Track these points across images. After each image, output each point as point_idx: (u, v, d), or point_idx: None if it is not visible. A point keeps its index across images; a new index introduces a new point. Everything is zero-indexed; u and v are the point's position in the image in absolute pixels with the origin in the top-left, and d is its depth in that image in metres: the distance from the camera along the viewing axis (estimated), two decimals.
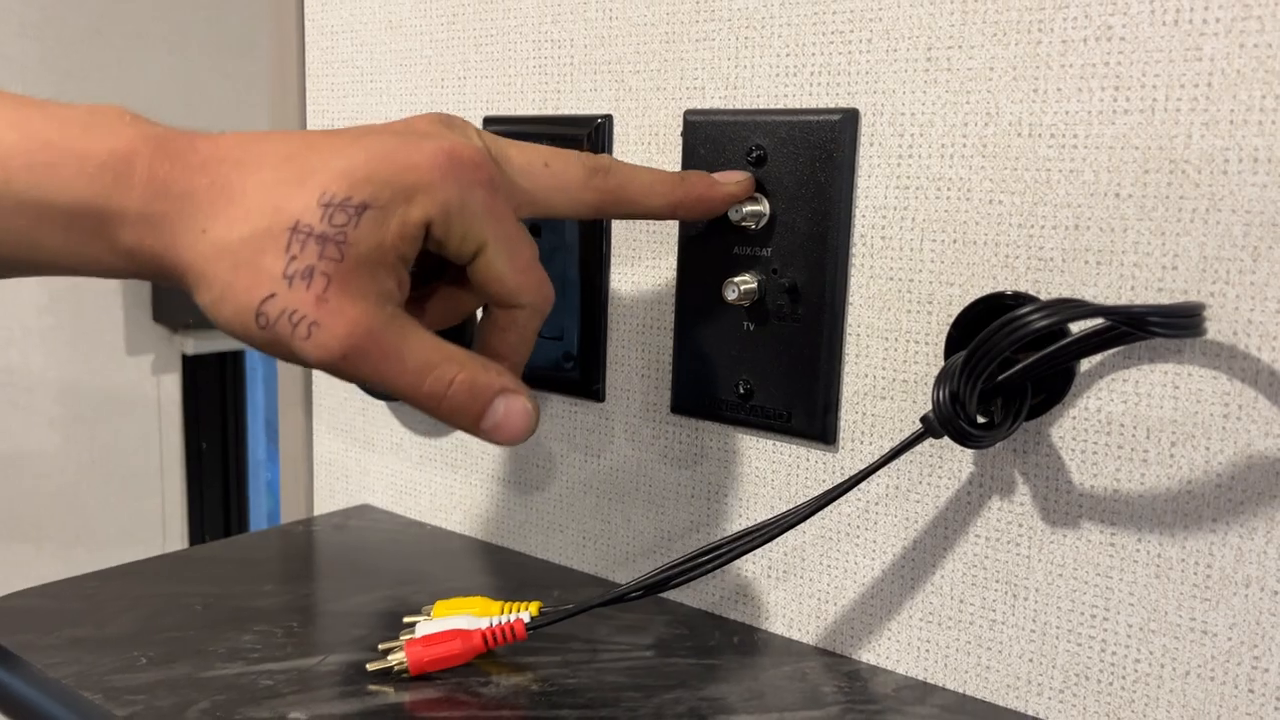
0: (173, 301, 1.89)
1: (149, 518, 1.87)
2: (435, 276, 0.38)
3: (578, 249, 0.47)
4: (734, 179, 0.41)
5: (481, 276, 0.35)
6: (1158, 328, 0.31)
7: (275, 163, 0.33)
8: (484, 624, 0.39)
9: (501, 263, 0.35)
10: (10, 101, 0.34)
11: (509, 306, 0.36)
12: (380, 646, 0.40)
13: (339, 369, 0.33)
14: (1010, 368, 0.34)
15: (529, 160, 0.37)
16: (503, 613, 0.40)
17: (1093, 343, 0.33)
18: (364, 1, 0.55)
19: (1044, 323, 0.31)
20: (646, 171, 0.39)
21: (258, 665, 0.39)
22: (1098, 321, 0.32)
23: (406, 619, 0.41)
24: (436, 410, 0.34)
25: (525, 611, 0.39)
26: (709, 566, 0.37)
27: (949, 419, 0.34)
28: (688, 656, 0.42)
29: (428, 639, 0.39)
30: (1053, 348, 0.33)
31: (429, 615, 0.41)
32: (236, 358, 2.13)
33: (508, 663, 0.40)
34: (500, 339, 0.37)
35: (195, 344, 1.96)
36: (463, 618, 0.40)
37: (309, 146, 0.34)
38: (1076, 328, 0.34)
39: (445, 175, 0.34)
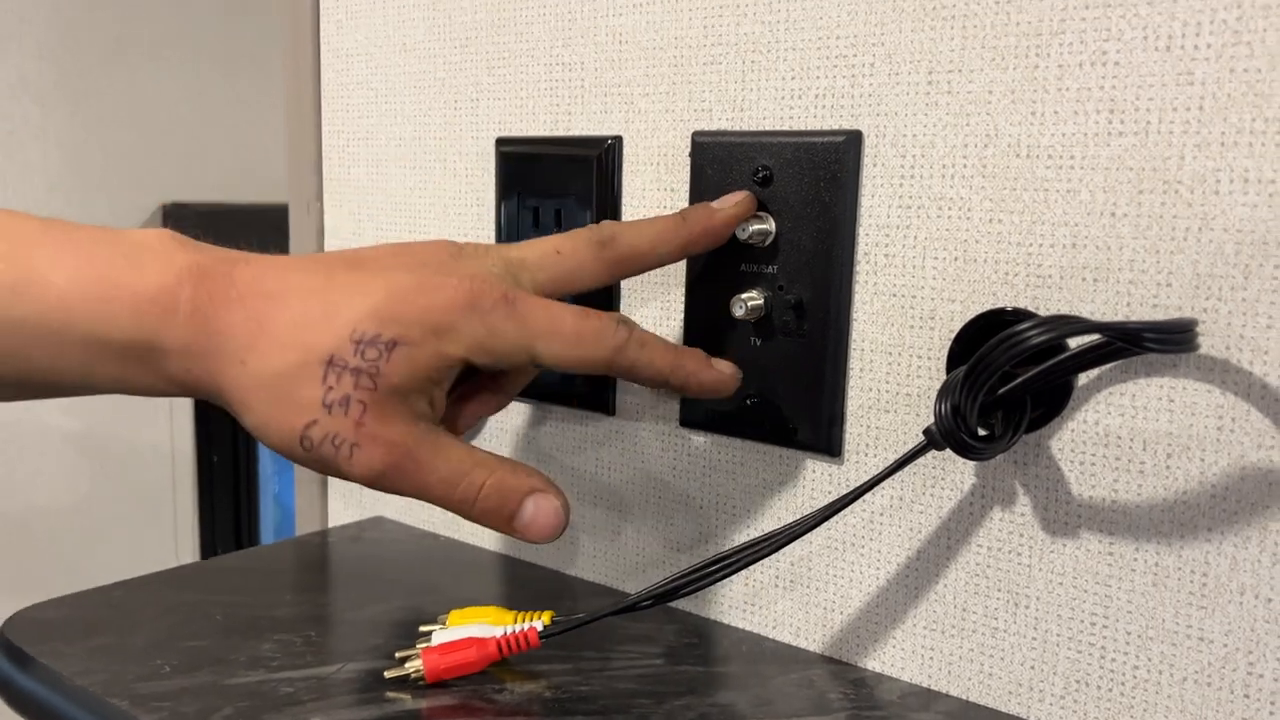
0: None
1: (161, 530, 1.88)
2: (467, 378, 0.41)
3: None
4: (732, 201, 0.42)
5: (551, 367, 0.38)
6: (1152, 343, 0.32)
7: (303, 296, 0.37)
8: (498, 632, 0.40)
9: (556, 349, 0.37)
10: (66, 233, 0.37)
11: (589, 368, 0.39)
12: (397, 655, 0.41)
13: (379, 484, 0.36)
14: (1010, 382, 0.35)
15: (541, 253, 0.40)
16: (516, 622, 0.40)
17: (1090, 358, 0.34)
18: (378, 25, 0.57)
19: (1042, 338, 0.32)
20: (648, 224, 0.41)
21: (278, 673, 0.40)
22: (1095, 337, 0.33)
23: (423, 628, 0.42)
24: (469, 514, 0.37)
25: (539, 620, 0.40)
26: (718, 575, 0.38)
27: (951, 432, 0.35)
28: (697, 664, 0.43)
29: (444, 647, 0.40)
30: (1050, 363, 0.34)
31: (444, 624, 0.42)
32: None
33: (521, 670, 0.41)
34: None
35: None
36: (478, 626, 0.41)
37: (332, 282, 0.37)
38: (1074, 343, 0.35)
39: (469, 312, 0.36)
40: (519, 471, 0.38)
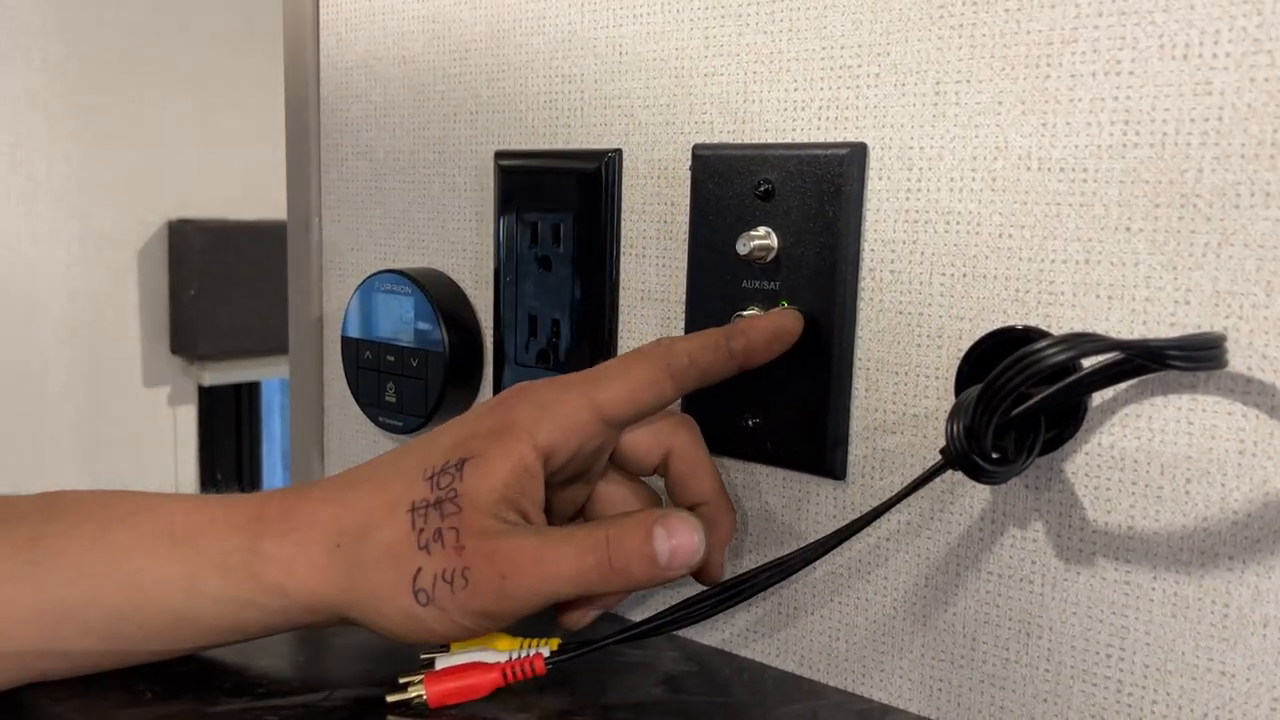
0: (190, 333, 1.90)
1: None
2: (575, 479, 0.41)
3: (586, 284, 0.47)
4: (774, 318, 0.40)
5: (624, 418, 0.39)
6: (1178, 360, 0.30)
7: (367, 472, 0.40)
8: (503, 658, 0.39)
9: (616, 393, 0.38)
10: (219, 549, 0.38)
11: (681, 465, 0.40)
12: (400, 679, 0.39)
13: (510, 594, 0.35)
14: (1024, 402, 0.33)
15: (607, 369, 0.39)
16: (522, 648, 0.39)
17: (1108, 376, 0.33)
18: (377, 38, 0.56)
19: (1060, 357, 0.31)
20: (698, 338, 0.39)
21: (263, 700, 0.39)
22: (1112, 354, 0.32)
23: (423, 655, 0.40)
24: (609, 568, 0.35)
25: (545, 646, 0.39)
26: (729, 603, 0.37)
27: (963, 454, 0.33)
28: (698, 694, 0.41)
29: (447, 672, 0.39)
30: (1067, 381, 0.33)
31: (448, 649, 0.40)
32: (253, 389, 2.14)
33: (524, 697, 0.40)
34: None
35: (212, 375, 1.97)
36: (482, 651, 0.39)
37: (395, 454, 0.39)
38: (1089, 361, 0.33)
39: (533, 414, 0.37)
40: (629, 514, 0.37)
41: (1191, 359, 0.31)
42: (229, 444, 2.10)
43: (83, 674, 0.40)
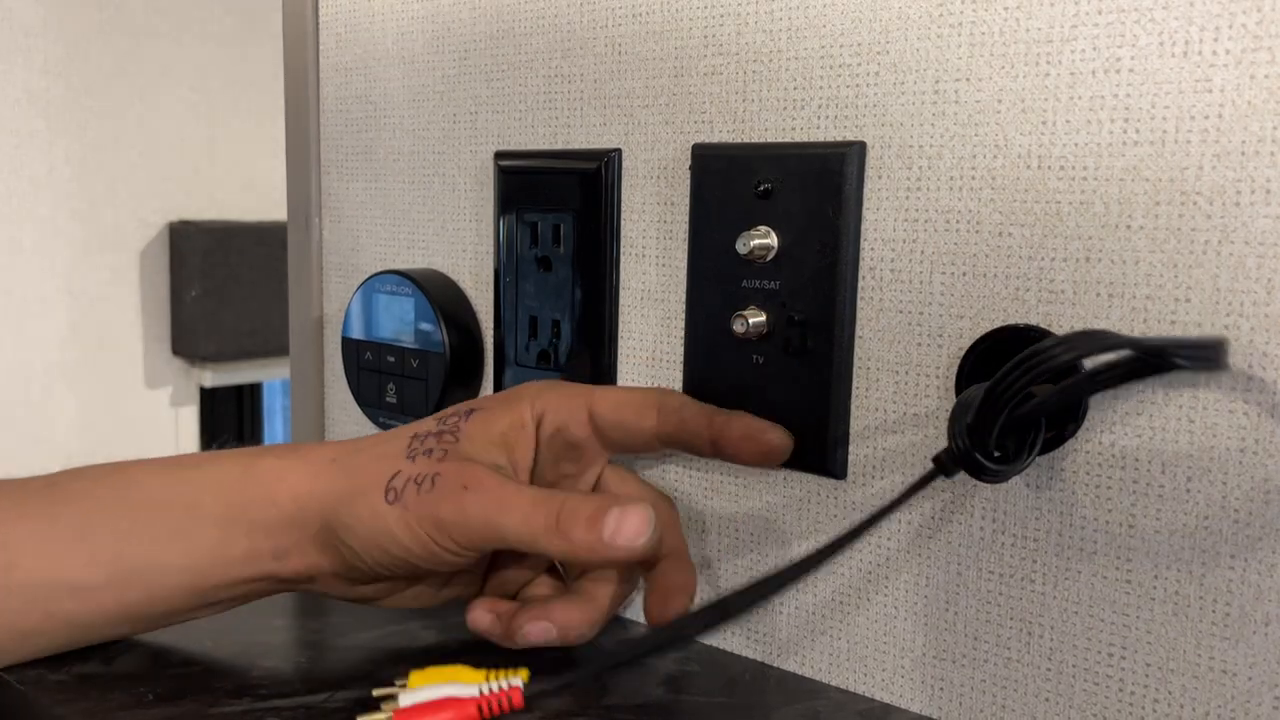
0: (191, 334, 1.90)
1: None
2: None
3: (587, 284, 0.47)
4: (763, 424, 0.41)
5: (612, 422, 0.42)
6: (1183, 360, 0.30)
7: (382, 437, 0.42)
8: (475, 691, 0.36)
9: (610, 401, 0.42)
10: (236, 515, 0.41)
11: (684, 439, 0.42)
12: (358, 719, 0.36)
13: (466, 508, 0.37)
14: (1030, 400, 0.33)
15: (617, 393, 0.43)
16: (489, 680, 0.36)
17: (1113, 376, 0.32)
18: (377, 38, 0.56)
19: (1068, 355, 0.31)
20: (695, 401, 0.42)
21: (265, 702, 0.39)
22: (1115, 355, 0.32)
23: (376, 692, 0.37)
24: (555, 526, 0.36)
25: (516, 678, 0.36)
26: (732, 618, 0.38)
27: (966, 453, 0.33)
28: (698, 694, 0.41)
29: (418, 709, 0.36)
30: (1071, 380, 0.33)
31: (404, 686, 0.37)
32: (254, 390, 2.14)
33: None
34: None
35: (213, 376, 1.97)
36: (449, 686, 0.36)
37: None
38: (1090, 361, 0.33)
39: (537, 390, 0.42)
40: (595, 494, 0.40)
41: (1197, 359, 0.31)
42: (230, 445, 2.10)
43: (81, 634, 0.41)
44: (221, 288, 1.89)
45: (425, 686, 0.37)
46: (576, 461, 0.43)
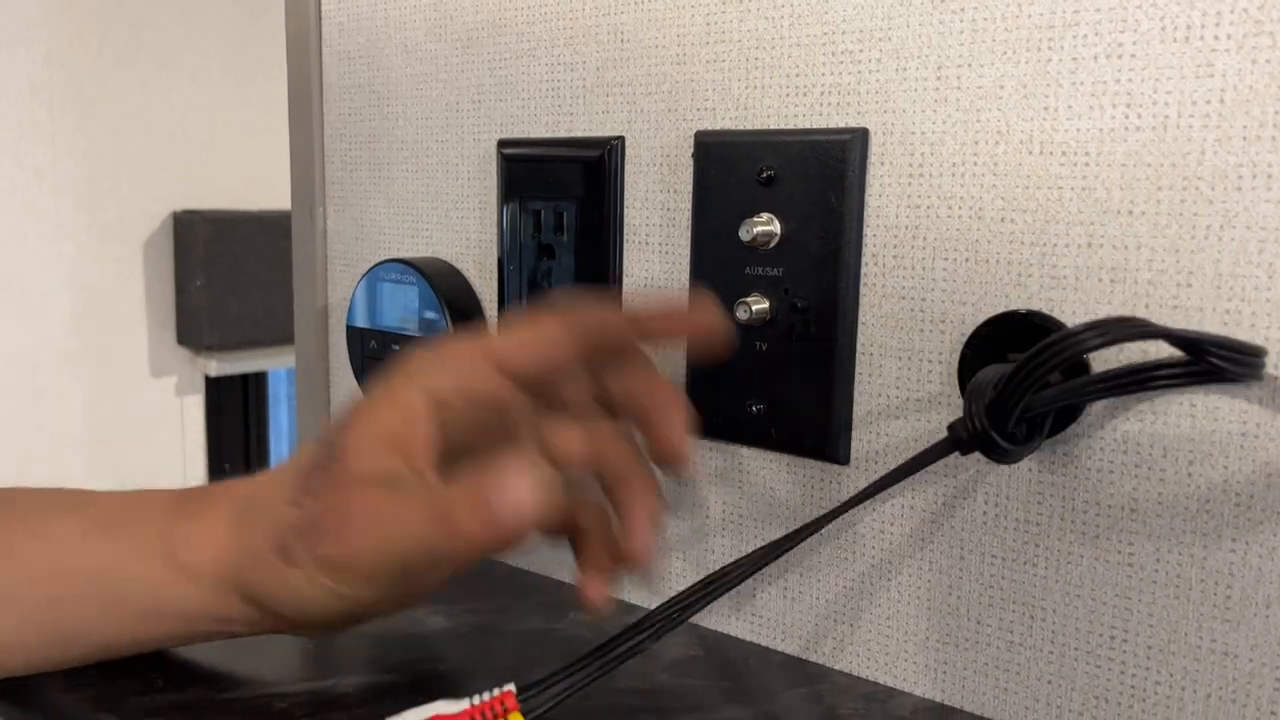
0: (196, 324, 1.91)
1: None
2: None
3: (590, 271, 0.48)
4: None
5: (519, 366, 0.36)
6: (1219, 360, 0.30)
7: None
8: (464, 706, 0.33)
9: (514, 339, 0.37)
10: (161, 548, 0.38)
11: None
12: None
13: (352, 543, 0.33)
14: (1047, 387, 0.33)
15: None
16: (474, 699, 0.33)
17: (1174, 378, 0.31)
18: (380, 26, 0.56)
19: (1098, 341, 0.31)
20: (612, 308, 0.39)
21: (272, 687, 0.39)
22: (1177, 355, 0.31)
23: None
24: (448, 527, 0.32)
25: (510, 685, 0.33)
26: (716, 593, 0.35)
27: (982, 432, 0.33)
28: (703, 678, 0.41)
29: None
30: (1077, 380, 0.33)
31: None
32: (259, 379, 2.15)
33: None
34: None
35: (218, 366, 1.98)
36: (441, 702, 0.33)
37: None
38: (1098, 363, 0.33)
39: (424, 362, 0.36)
40: (475, 476, 0.34)
41: (1234, 361, 0.30)
42: (236, 434, 2.11)
43: (18, 673, 0.39)
44: (226, 277, 1.89)
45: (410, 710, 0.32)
46: (506, 416, 0.37)
